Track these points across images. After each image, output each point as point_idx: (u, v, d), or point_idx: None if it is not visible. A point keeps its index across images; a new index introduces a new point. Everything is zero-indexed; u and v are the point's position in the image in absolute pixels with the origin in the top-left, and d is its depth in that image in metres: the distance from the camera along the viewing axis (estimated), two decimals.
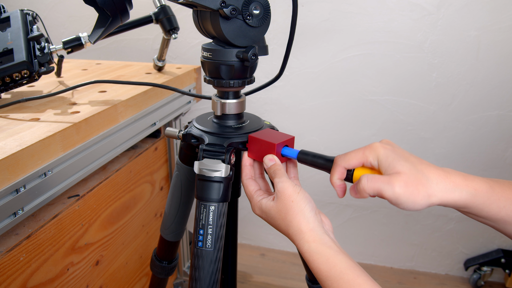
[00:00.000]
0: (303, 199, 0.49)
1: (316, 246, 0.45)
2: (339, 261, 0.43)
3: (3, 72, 0.74)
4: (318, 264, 0.44)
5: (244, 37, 0.52)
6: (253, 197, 0.52)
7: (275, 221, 0.50)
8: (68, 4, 1.48)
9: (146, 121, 0.88)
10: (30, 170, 0.58)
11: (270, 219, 0.51)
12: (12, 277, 0.59)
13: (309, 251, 0.45)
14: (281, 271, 1.52)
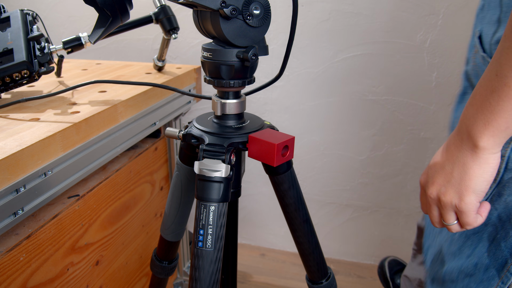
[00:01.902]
0: None
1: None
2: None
3: (3, 72, 0.74)
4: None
5: (244, 37, 0.52)
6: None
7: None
8: (68, 4, 1.48)
9: (146, 121, 0.88)
10: (30, 170, 0.58)
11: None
12: (12, 277, 0.59)
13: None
14: (281, 271, 1.52)
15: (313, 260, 0.72)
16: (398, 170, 1.41)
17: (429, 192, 0.51)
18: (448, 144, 0.48)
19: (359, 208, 1.49)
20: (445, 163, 0.48)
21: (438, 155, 0.50)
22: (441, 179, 0.49)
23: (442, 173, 0.48)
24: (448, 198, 0.48)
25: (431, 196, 0.51)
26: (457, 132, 0.47)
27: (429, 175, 0.51)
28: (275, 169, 0.62)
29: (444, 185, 0.48)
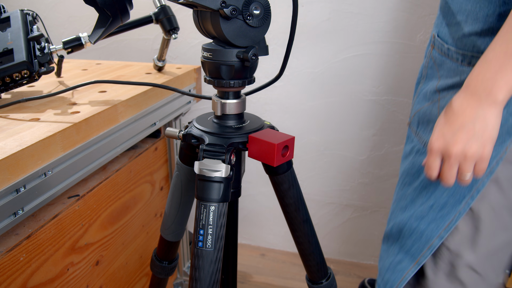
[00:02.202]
0: None
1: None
2: None
3: (3, 72, 0.74)
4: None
5: (245, 37, 0.52)
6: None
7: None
8: (68, 4, 1.48)
9: (146, 121, 0.88)
10: (30, 170, 0.58)
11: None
12: (12, 277, 0.59)
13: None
14: (281, 271, 1.52)
15: (313, 260, 0.72)
16: (398, 170, 1.41)
17: (454, 151, 0.57)
18: (461, 108, 0.57)
19: (359, 208, 1.49)
20: (464, 122, 0.56)
21: (449, 122, 0.58)
22: (464, 136, 0.56)
23: (463, 131, 0.56)
24: (474, 150, 0.56)
25: (456, 154, 0.57)
26: (471, 94, 0.56)
27: (448, 137, 0.58)
28: (275, 169, 0.62)
29: (468, 140, 0.56)
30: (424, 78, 0.77)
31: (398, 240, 0.77)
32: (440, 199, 0.70)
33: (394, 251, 0.78)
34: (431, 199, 0.71)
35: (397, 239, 0.77)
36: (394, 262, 0.77)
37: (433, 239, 0.70)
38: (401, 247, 0.76)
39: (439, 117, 0.61)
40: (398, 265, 0.76)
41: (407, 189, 0.77)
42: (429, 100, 0.74)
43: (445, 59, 0.69)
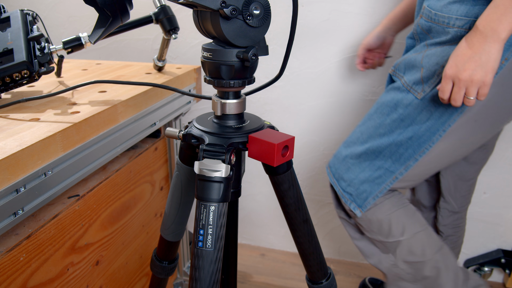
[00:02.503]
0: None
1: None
2: None
3: (3, 72, 0.74)
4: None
5: (244, 37, 0.52)
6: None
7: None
8: (68, 4, 1.48)
9: (146, 121, 0.88)
10: (30, 170, 0.58)
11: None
12: (12, 277, 0.59)
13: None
14: (281, 271, 1.52)
15: (313, 260, 0.72)
16: None
17: (462, 77, 0.73)
18: (471, 44, 0.72)
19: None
20: (472, 55, 0.72)
21: (461, 54, 0.74)
22: (472, 65, 0.72)
23: (472, 61, 0.72)
24: (478, 76, 0.72)
25: (465, 79, 0.73)
26: (480, 33, 0.71)
27: (459, 66, 0.73)
28: (275, 169, 0.62)
29: (475, 68, 0.72)
30: (411, 39, 0.95)
31: (376, 159, 0.94)
32: (418, 131, 0.88)
33: (371, 168, 0.95)
34: (409, 131, 0.89)
35: (374, 158, 0.94)
36: (372, 176, 0.95)
37: (409, 160, 0.91)
38: (379, 166, 0.94)
39: (452, 52, 0.76)
40: (377, 179, 0.94)
41: (385, 118, 0.92)
42: (417, 51, 0.90)
43: (431, 24, 0.85)
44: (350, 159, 0.98)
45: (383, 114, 0.93)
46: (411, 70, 0.89)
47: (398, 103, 0.91)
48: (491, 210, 1.38)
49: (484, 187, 1.36)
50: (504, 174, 1.33)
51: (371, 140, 0.94)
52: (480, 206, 1.39)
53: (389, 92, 0.94)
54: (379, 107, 0.95)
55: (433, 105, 0.87)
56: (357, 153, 0.96)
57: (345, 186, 0.99)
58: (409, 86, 0.88)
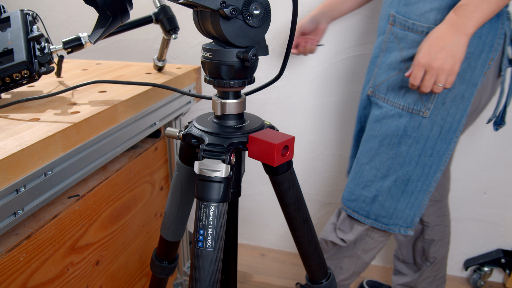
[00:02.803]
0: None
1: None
2: None
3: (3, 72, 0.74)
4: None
5: (244, 37, 0.52)
6: None
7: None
8: (68, 4, 1.48)
9: (146, 121, 0.88)
10: (30, 170, 0.58)
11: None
12: (12, 277, 0.59)
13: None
14: (281, 271, 1.52)
15: (313, 260, 0.72)
16: None
17: (435, 65, 0.79)
18: (442, 35, 0.79)
19: None
20: (444, 45, 0.78)
21: (433, 44, 0.79)
22: (444, 55, 0.79)
23: (444, 51, 0.78)
24: (448, 66, 0.79)
25: (436, 67, 0.79)
26: (451, 26, 0.78)
27: (432, 55, 0.79)
28: (275, 169, 0.62)
29: (446, 58, 0.79)
30: (384, 52, 0.95)
31: (407, 186, 0.97)
32: (435, 146, 0.93)
33: (406, 195, 0.98)
34: (428, 150, 0.93)
35: (405, 186, 0.97)
36: (411, 202, 0.98)
37: (436, 173, 0.96)
38: (413, 191, 0.97)
39: (422, 42, 0.82)
40: (416, 201, 0.98)
41: (399, 147, 0.95)
42: (396, 69, 0.92)
43: (408, 33, 0.89)
44: (381, 196, 0.99)
45: (394, 145, 0.95)
46: (399, 91, 0.92)
47: (407, 129, 0.92)
48: (491, 210, 1.38)
49: (484, 187, 1.36)
50: (504, 174, 1.33)
51: (393, 172, 0.96)
52: (480, 206, 1.39)
53: (386, 121, 0.94)
54: (383, 139, 0.95)
55: (441, 118, 0.91)
56: (385, 188, 0.98)
57: (387, 221, 1.01)
58: (411, 109, 0.91)
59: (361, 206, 1.01)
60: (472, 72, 0.87)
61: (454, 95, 0.89)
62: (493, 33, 0.86)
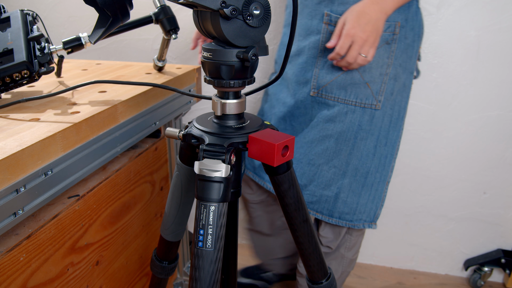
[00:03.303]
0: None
1: None
2: None
3: (3, 72, 0.74)
4: None
5: (245, 37, 0.52)
6: None
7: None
8: (68, 4, 1.48)
9: (146, 121, 0.88)
10: (30, 170, 0.58)
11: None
12: (12, 277, 0.59)
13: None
14: None
15: (313, 260, 0.72)
16: (398, 170, 1.41)
17: (363, 36, 0.85)
18: (368, 11, 0.84)
19: None
20: (370, 19, 0.84)
21: (362, 17, 0.84)
22: (370, 27, 0.84)
23: (370, 24, 0.84)
24: (373, 39, 0.85)
25: (363, 38, 0.85)
26: (375, 3, 0.84)
27: (361, 27, 0.84)
28: (275, 169, 0.62)
29: (372, 31, 0.85)
30: (323, 52, 0.97)
31: (366, 180, 0.99)
32: (388, 135, 0.98)
33: (366, 189, 1.00)
34: (382, 140, 0.97)
35: (364, 180, 0.99)
36: (372, 195, 1.01)
37: (392, 162, 1.01)
38: (372, 183, 1.00)
39: (346, 14, 0.86)
40: (376, 193, 1.01)
41: (354, 142, 0.97)
42: (341, 69, 0.95)
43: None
44: (342, 193, 1.00)
45: (350, 140, 0.96)
46: (350, 88, 0.94)
47: (361, 123, 0.95)
48: (491, 210, 1.38)
49: (484, 187, 1.36)
50: (504, 174, 1.33)
51: (353, 167, 0.98)
52: (480, 206, 1.39)
53: (339, 119, 0.96)
54: (339, 137, 0.97)
55: (390, 107, 0.96)
56: (346, 185, 0.99)
57: (351, 217, 1.02)
58: (363, 103, 0.94)
59: (324, 206, 1.02)
60: (409, 60, 0.95)
61: (400, 84, 0.95)
62: (419, 23, 0.94)
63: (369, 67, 0.93)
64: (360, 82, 0.93)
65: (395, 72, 0.94)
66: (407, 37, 0.92)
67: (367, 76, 0.93)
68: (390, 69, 0.93)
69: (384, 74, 0.93)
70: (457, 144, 1.33)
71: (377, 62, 0.93)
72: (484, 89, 1.25)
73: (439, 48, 1.24)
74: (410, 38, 0.93)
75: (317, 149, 0.99)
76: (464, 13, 1.18)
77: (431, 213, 1.44)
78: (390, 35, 0.92)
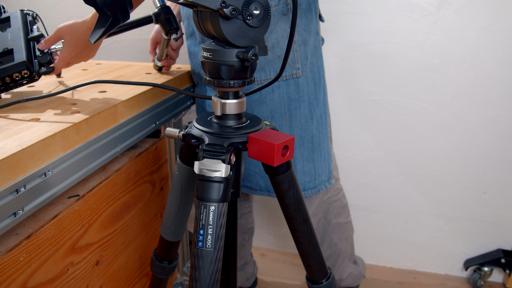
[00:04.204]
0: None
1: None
2: None
3: (3, 72, 0.74)
4: None
5: (244, 37, 0.52)
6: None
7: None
8: (68, 4, 1.48)
9: (146, 121, 0.88)
10: (30, 170, 0.58)
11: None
12: (12, 277, 0.59)
13: None
14: (281, 271, 1.52)
15: (313, 260, 0.72)
16: (398, 170, 1.41)
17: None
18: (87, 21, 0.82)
19: (359, 208, 1.49)
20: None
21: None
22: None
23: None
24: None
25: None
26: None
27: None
28: (275, 169, 0.62)
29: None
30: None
31: (312, 144, 1.02)
32: (317, 96, 1.01)
33: (315, 153, 1.03)
34: (314, 104, 1.00)
35: (311, 145, 1.02)
36: (321, 156, 1.04)
37: (327, 119, 1.04)
38: (318, 145, 1.03)
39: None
40: (323, 152, 1.04)
41: (290, 113, 0.99)
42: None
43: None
44: (298, 165, 1.03)
45: (285, 114, 0.99)
46: (268, 67, 0.95)
47: (290, 95, 0.97)
48: (491, 210, 1.38)
49: (484, 187, 1.36)
50: (504, 174, 1.33)
51: (297, 136, 1.02)
52: (480, 206, 1.39)
53: (269, 97, 0.98)
54: (275, 115, 0.99)
55: (309, 71, 0.98)
56: (298, 156, 1.03)
57: (313, 184, 1.05)
58: (284, 77, 0.96)
59: (303, 180, 1.05)
60: (311, 23, 0.96)
61: (311, 47, 0.97)
62: None
63: (276, 41, 0.93)
64: (274, 58, 0.95)
65: (302, 38, 0.96)
66: (301, 3, 0.94)
67: (278, 50, 0.95)
68: (296, 37, 0.96)
69: (294, 43, 0.96)
70: (457, 144, 1.33)
71: (282, 35, 0.94)
72: (484, 89, 1.25)
73: (439, 47, 1.24)
74: (305, 2, 0.94)
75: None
76: (464, 13, 1.18)
77: (431, 213, 1.44)
78: (284, 7, 0.93)
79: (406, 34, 1.24)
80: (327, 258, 1.22)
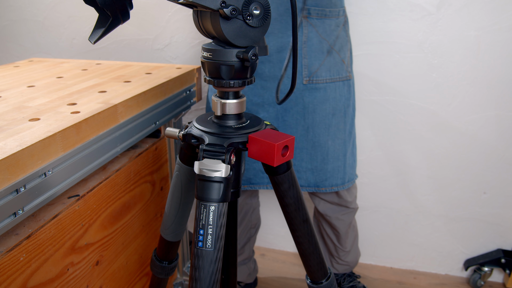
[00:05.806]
0: None
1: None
2: None
3: None
4: None
5: (244, 37, 0.52)
6: None
7: None
8: (68, 4, 1.48)
9: (146, 121, 0.88)
10: (30, 170, 0.58)
11: None
12: (12, 277, 0.59)
13: None
14: (281, 271, 1.52)
15: (313, 260, 0.72)
16: (398, 170, 1.41)
17: None
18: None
19: (359, 208, 1.49)
20: None
21: None
22: None
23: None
24: None
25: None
26: None
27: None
28: (275, 169, 0.62)
29: None
30: (306, 42, 1.05)
31: (355, 140, 1.18)
32: (354, 100, 1.16)
33: (354, 148, 1.18)
34: (354, 102, 1.16)
35: (354, 140, 1.18)
36: (355, 150, 1.19)
37: (354, 119, 1.17)
38: (354, 143, 1.18)
39: None
40: (355, 148, 1.19)
41: (348, 111, 1.11)
42: (325, 52, 1.05)
43: (324, 19, 1.03)
44: (348, 159, 1.15)
45: (341, 111, 1.09)
46: (333, 67, 1.05)
47: (345, 94, 1.08)
48: (491, 210, 1.38)
49: (484, 187, 1.36)
50: (504, 174, 1.33)
51: (348, 134, 1.13)
52: (480, 206, 1.39)
53: (333, 96, 1.07)
54: (335, 113, 1.08)
55: (352, 75, 1.12)
56: (350, 152, 1.15)
57: (353, 174, 1.18)
58: (343, 77, 1.08)
59: (338, 176, 1.14)
60: (348, 31, 1.10)
61: (351, 54, 1.12)
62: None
63: (341, 46, 1.06)
64: (339, 60, 1.06)
65: (350, 46, 1.12)
66: (341, 14, 1.06)
67: (342, 54, 1.07)
68: (349, 44, 1.11)
69: (348, 50, 1.10)
70: (457, 144, 1.33)
71: (344, 39, 1.07)
72: (484, 89, 1.25)
73: (439, 47, 1.24)
74: (342, 12, 1.06)
75: (319, 130, 1.09)
76: (464, 13, 1.18)
77: (431, 213, 1.44)
78: (343, 19, 1.06)
79: (406, 34, 1.24)
80: (354, 238, 1.30)
